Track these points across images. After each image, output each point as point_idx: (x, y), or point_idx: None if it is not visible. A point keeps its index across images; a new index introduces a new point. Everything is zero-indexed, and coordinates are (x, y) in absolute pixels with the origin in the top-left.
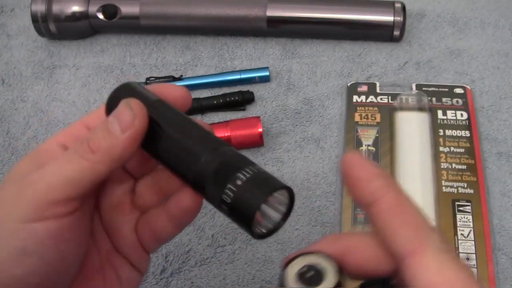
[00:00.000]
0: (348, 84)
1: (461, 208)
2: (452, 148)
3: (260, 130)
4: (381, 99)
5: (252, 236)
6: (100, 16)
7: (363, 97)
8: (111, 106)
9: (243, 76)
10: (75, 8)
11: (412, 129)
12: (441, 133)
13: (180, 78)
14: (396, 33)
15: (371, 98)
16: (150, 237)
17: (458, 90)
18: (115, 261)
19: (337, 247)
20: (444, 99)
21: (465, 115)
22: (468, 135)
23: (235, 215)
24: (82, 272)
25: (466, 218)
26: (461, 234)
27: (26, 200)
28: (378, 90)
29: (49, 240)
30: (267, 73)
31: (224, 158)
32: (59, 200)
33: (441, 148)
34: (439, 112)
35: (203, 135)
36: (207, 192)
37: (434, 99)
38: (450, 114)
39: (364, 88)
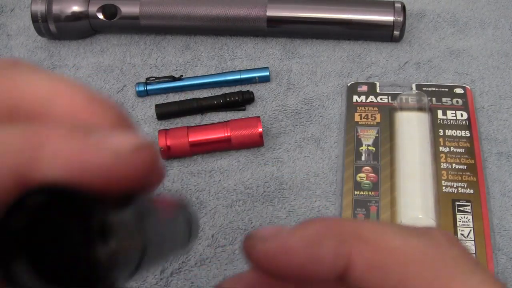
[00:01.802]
0: (348, 84)
1: (461, 208)
2: (452, 148)
3: (260, 130)
4: (381, 99)
5: None
6: (100, 16)
7: (363, 97)
8: None
9: (243, 76)
10: (75, 8)
11: (412, 129)
12: (441, 133)
13: (180, 78)
14: (396, 33)
15: (371, 98)
16: None
17: (458, 90)
18: None
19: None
20: (444, 99)
21: (465, 115)
22: (468, 135)
23: None
24: None
25: (466, 218)
26: (461, 234)
27: None
28: (378, 90)
29: None
30: (267, 73)
31: None
32: None
33: (441, 148)
34: (439, 112)
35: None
36: None
37: (434, 99)
38: (450, 114)
39: (364, 88)
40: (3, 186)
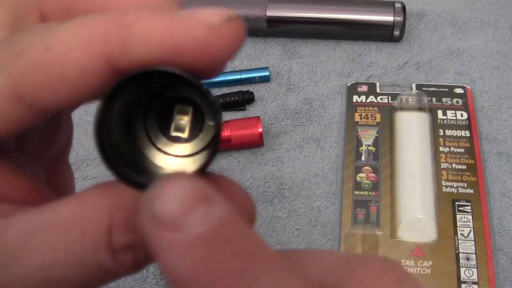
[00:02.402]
0: (348, 84)
1: (461, 208)
2: (452, 148)
3: (260, 130)
4: (381, 99)
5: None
6: None
7: (363, 97)
8: None
9: (243, 76)
10: None
11: (412, 129)
12: (441, 133)
13: None
14: (396, 33)
15: (371, 98)
16: None
17: (458, 90)
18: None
19: None
20: (444, 99)
21: (465, 115)
22: (468, 135)
23: None
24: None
25: (466, 218)
26: (461, 234)
27: None
28: (378, 90)
29: None
30: (267, 73)
31: None
32: None
33: (441, 148)
34: (439, 112)
35: None
36: None
37: (434, 99)
38: (450, 114)
39: (364, 88)
40: (95, 72)
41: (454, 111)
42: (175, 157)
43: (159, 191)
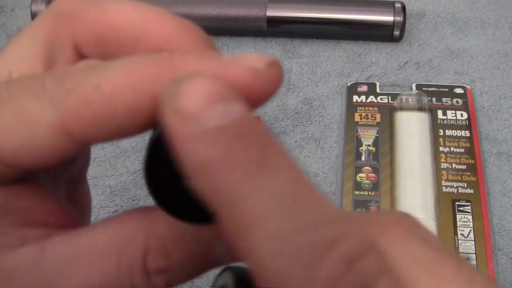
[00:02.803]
0: (348, 84)
1: (461, 208)
2: (452, 148)
3: None
4: (381, 99)
5: None
6: None
7: (363, 97)
8: None
9: None
10: None
11: (412, 129)
12: (441, 133)
13: None
14: (396, 33)
15: (371, 98)
16: None
17: (458, 90)
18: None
19: None
20: (444, 99)
21: (465, 115)
22: (468, 135)
23: None
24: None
25: (466, 218)
26: (461, 234)
27: None
28: (378, 90)
29: None
30: None
31: None
32: None
33: (441, 148)
34: (439, 112)
35: None
36: None
37: (434, 99)
38: (450, 114)
39: (364, 88)
40: (142, 111)
41: (454, 111)
42: None
43: (183, 84)
